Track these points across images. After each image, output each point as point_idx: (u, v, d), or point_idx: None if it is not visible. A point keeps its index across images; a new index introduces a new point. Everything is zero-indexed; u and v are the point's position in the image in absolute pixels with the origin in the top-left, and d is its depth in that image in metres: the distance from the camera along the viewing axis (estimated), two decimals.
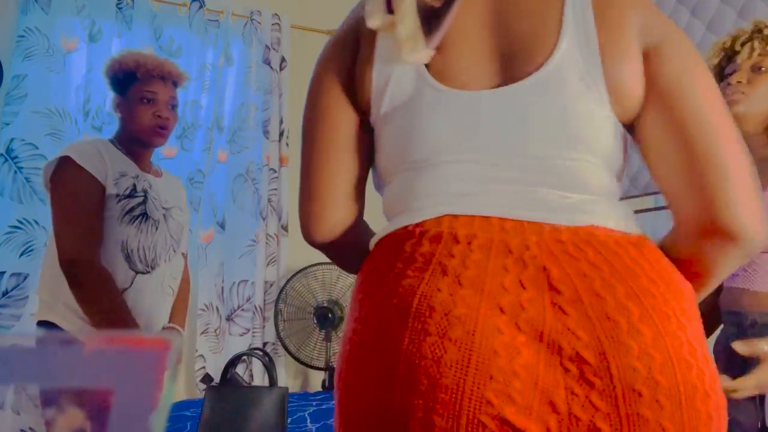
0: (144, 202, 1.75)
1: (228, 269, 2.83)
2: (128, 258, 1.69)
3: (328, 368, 2.78)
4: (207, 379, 1.75)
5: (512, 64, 0.75)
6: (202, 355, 2.69)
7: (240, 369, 2.57)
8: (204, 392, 1.64)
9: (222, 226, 2.84)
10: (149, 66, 1.78)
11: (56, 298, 1.63)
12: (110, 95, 1.85)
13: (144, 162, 1.83)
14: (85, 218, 1.63)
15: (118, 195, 1.69)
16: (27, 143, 2.45)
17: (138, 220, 1.72)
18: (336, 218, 0.85)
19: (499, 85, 0.75)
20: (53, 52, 2.54)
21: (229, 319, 2.81)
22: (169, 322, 1.84)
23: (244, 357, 2.25)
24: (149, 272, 1.74)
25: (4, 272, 2.37)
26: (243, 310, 2.82)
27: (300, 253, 3.01)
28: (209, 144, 2.81)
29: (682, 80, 0.73)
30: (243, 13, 2.97)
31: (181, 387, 2.77)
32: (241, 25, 2.97)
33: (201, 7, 2.85)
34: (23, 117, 2.46)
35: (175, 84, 1.84)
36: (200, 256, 2.77)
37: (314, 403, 2.35)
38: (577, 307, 0.64)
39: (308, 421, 2.12)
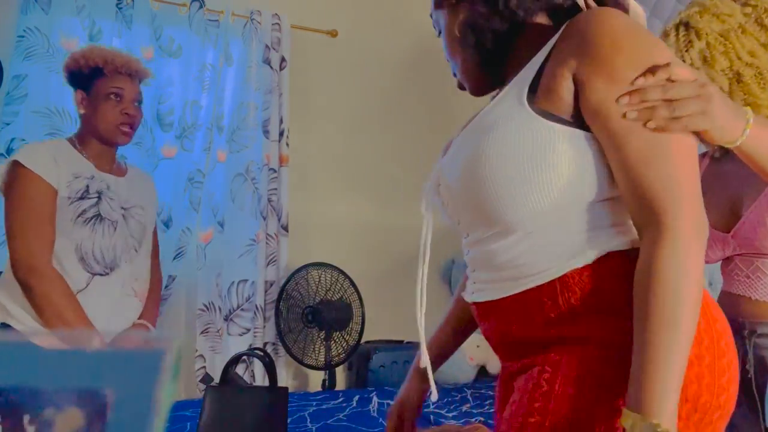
0: (97, 203, 1.73)
1: (228, 269, 2.83)
2: (83, 260, 1.70)
3: (328, 368, 2.78)
4: (207, 379, 1.75)
5: None
6: (202, 355, 2.69)
7: (240, 369, 2.57)
8: (204, 392, 1.64)
9: (222, 225, 2.84)
10: (117, 62, 1.76)
11: (12, 300, 1.65)
12: (70, 92, 1.84)
13: (104, 160, 1.80)
14: (35, 223, 1.63)
15: (69, 197, 1.68)
16: (27, 143, 2.45)
17: (92, 221, 1.71)
18: None
19: None
20: (53, 52, 2.53)
21: (229, 319, 2.80)
22: (139, 319, 1.83)
23: (244, 357, 2.25)
24: (108, 273, 1.73)
25: None
26: (243, 310, 2.82)
27: (300, 253, 3.01)
28: (209, 144, 2.81)
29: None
30: (243, 13, 2.97)
31: (181, 387, 2.77)
32: (241, 25, 2.97)
33: (201, 7, 2.85)
34: (23, 117, 2.46)
35: (140, 81, 1.84)
36: (200, 256, 2.77)
37: (314, 403, 2.35)
38: None
39: (308, 421, 2.12)
